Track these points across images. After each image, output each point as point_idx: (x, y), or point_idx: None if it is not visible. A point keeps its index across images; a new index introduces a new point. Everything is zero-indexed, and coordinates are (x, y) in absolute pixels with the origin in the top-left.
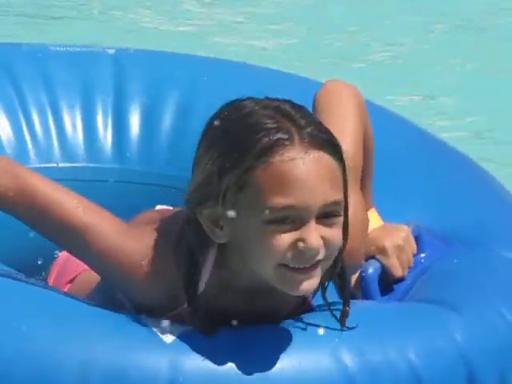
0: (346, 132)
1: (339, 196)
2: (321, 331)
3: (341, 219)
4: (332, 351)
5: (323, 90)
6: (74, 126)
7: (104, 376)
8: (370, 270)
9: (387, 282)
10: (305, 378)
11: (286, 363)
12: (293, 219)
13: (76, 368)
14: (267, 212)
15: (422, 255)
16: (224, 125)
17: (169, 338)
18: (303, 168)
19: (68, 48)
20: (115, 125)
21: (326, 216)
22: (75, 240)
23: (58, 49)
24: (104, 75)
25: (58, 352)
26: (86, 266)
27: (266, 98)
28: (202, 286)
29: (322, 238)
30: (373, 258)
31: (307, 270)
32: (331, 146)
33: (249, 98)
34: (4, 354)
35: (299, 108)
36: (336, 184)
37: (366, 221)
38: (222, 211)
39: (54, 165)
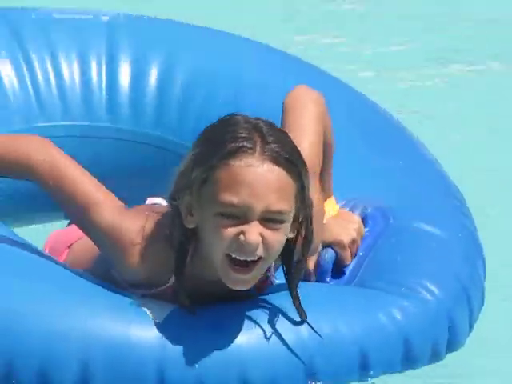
0: (306, 137)
1: (285, 207)
2: (283, 310)
3: (284, 226)
4: (292, 328)
5: (290, 98)
6: (72, 85)
7: (103, 352)
8: (326, 258)
9: (337, 266)
10: (270, 350)
11: (255, 337)
12: (238, 216)
13: (78, 345)
14: (217, 206)
15: (366, 229)
16: (211, 130)
17: (158, 318)
18: (254, 175)
19: (70, 14)
20: (108, 86)
21: (270, 220)
22: (83, 213)
23: (61, 15)
24: (98, 39)
25: (63, 324)
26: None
27: (256, 117)
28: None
29: (263, 237)
30: (329, 246)
31: (245, 271)
32: (289, 164)
33: (241, 114)
34: (11, 325)
35: (274, 128)
36: (284, 196)
37: (322, 212)
38: (192, 200)
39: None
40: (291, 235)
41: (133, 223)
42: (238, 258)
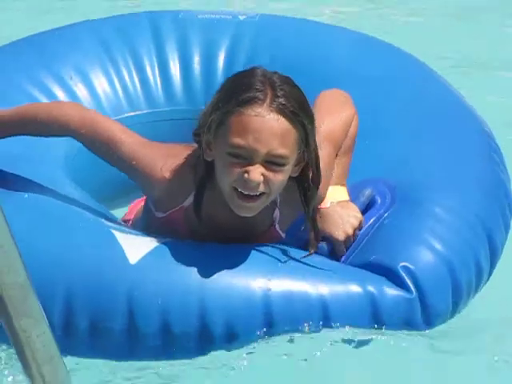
0: (341, 119)
1: (286, 152)
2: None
3: (285, 168)
4: (263, 276)
5: (323, 93)
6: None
7: (84, 286)
8: (321, 250)
9: (333, 255)
10: (231, 292)
11: (221, 274)
12: (245, 157)
13: (64, 277)
14: (228, 146)
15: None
16: (232, 79)
17: (134, 259)
18: (261, 123)
19: (211, 15)
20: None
21: (272, 163)
22: (111, 150)
23: (203, 16)
24: (224, 37)
25: (52, 262)
26: None
27: (274, 71)
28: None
29: (264, 176)
30: (327, 238)
31: (249, 200)
32: (293, 115)
33: (261, 68)
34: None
35: (286, 82)
36: (286, 143)
37: (331, 170)
38: (210, 138)
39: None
40: (294, 175)
41: (154, 151)
42: (242, 192)
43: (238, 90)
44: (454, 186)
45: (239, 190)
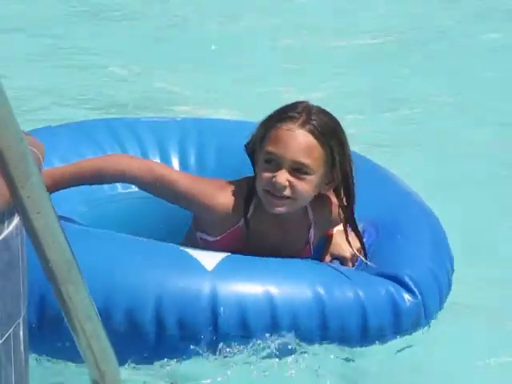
0: None
1: (308, 162)
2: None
3: (309, 178)
4: (311, 284)
5: None
6: None
7: (167, 297)
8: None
9: None
10: (287, 298)
11: (286, 283)
12: (274, 163)
13: (154, 289)
14: (264, 154)
15: (364, 240)
16: (282, 106)
17: (210, 266)
18: (291, 136)
19: (152, 118)
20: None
21: (296, 170)
22: (170, 190)
23: (146, 119)
24: (172, 135)
25: (142, 278)
26: None
27: (318, 106)
28: (251, 210)
29: (290, 182)
30: (337, 258)
31: (278, 198)
32: (320, 135)
33: (309, 102)
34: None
35: (323, 112)
36: (311, 155)
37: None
38: (257, 149)
39: None
40: (325, 192)
41: (205, 183)
42: (272, 193)
43: (281, 112)
44: (426, 228)
45: (270, 191)
